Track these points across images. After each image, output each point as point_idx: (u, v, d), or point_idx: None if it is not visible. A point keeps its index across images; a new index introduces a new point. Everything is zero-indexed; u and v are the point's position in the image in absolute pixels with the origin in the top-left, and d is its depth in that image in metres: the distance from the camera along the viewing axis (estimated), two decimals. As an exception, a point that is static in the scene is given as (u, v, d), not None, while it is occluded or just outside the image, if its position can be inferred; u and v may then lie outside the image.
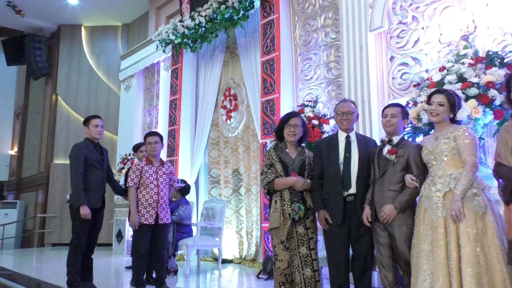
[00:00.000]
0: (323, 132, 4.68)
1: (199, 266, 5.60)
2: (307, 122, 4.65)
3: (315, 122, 4.72)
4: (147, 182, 3.96)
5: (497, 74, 3.28)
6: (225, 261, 6.03)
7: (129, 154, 7.69)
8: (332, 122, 4.74)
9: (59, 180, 10.01)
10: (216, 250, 5.98)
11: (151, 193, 3.94)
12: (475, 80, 3.33)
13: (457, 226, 2.41)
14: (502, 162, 2.37)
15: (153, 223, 3.92)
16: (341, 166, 2.98)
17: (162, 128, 7.79)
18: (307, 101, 5.12)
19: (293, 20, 5.85)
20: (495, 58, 3.43)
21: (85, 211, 3.79)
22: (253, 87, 6.15)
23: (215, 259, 6.11)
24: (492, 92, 3.24)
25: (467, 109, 3.21)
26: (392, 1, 4.50)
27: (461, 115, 2.88)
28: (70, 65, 10.59)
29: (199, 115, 7.18)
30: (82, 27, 10.70)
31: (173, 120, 7.29)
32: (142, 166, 4.02)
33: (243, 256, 6.12)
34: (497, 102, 3.25)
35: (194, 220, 6.21)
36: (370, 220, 2.84)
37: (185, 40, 6.92)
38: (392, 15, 4.49)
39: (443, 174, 2.55)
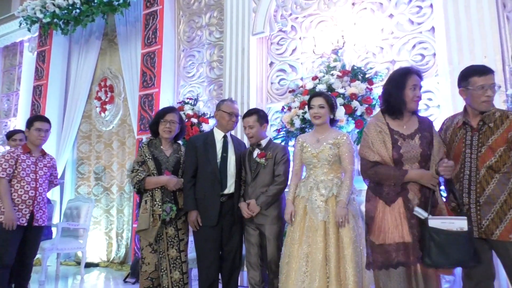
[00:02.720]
0: (201, 131, 4.62)
1: (58, 271, 5.05)
2: (186, 120, 4.54)
3: (194, 120, 4.64)
4: (23, 174, 3.32)
5: (359, 87, 3.63)
6: (90, 265, 5.57)
7: (-22, 144, 6.60)
8: (211, 121, 4.72)
9: None
10: (79, 253, 5.47)
11: (27, 187, 3.31)
12: (341, 91, 3.63)
13: (338, 229, 2.49)
14: (378, 161, 2.24)
15: (25, 224, 3.26)
16: (218, 166, 2.94)
17: (23, 116, 6.87)
18: (187, 98, 5.01)
19: (177, 15, 5.68)
20: (359, 73, 3.80)
21: None
22: (132, 80, 5.80)
23: (79, 263, 5.59)
24: (355, 103, 3.57)
25: (342, 108, 3.47)
26: (274, 8, 4.68)
27: (339, 114, 3.06)
28: None
29: (69, 105, 6.50)
30: None
31: (36, 108, 6.47)
32: (18, 155, 3.34)
33: (111, 259, 5.71)
34: (358, 113, 3.59)
35: (56, 220, 5.60)
36: (252, 211, 2.81)
37: (55, 20, 6.19)
38: (273, 22, 4.67)
39: (325, 178, 2.62)
